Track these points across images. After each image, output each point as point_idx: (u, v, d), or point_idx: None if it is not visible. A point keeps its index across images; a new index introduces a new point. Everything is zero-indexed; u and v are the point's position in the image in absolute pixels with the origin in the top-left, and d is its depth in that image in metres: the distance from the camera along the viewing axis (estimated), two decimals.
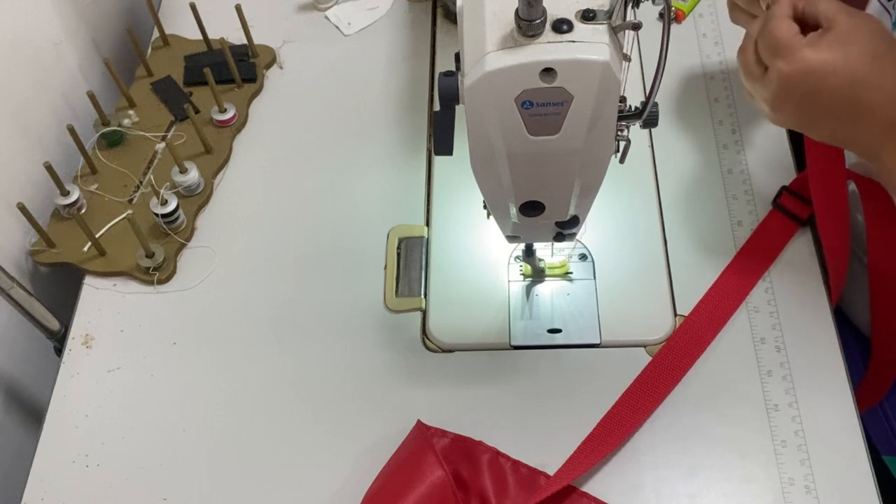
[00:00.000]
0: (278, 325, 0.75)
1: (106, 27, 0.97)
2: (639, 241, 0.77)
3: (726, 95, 0.85)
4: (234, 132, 0.87)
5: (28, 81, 0.84)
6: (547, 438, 0.67)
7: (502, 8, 0.48)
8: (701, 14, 0.91)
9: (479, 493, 0.64)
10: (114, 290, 0.78)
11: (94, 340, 0.76)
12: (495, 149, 0.52)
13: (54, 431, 0.71)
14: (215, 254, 0.79)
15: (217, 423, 0.71)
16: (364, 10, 0.96)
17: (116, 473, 0.69)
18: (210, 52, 0.91)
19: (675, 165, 0.81)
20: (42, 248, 0.79)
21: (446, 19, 0.94)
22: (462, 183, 0.74)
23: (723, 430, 0.67)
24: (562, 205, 0.59)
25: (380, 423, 0.69)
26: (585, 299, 0.74)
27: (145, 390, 0.73)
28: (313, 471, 0.68)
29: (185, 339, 0.75)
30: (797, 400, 0.68)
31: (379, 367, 0.72)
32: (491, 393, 0.70)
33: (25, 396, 0.83)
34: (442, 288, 0.75)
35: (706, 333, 0.71)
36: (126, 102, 0.88)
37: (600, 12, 0.48)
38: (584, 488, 0.65)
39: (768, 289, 0.73)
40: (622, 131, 0.55)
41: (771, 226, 0.76)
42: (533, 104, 0.49)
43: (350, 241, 0.79)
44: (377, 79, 0.90)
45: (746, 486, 0.65)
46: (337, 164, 0.84)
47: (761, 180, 0.79)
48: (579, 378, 0.70)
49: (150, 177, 0.82)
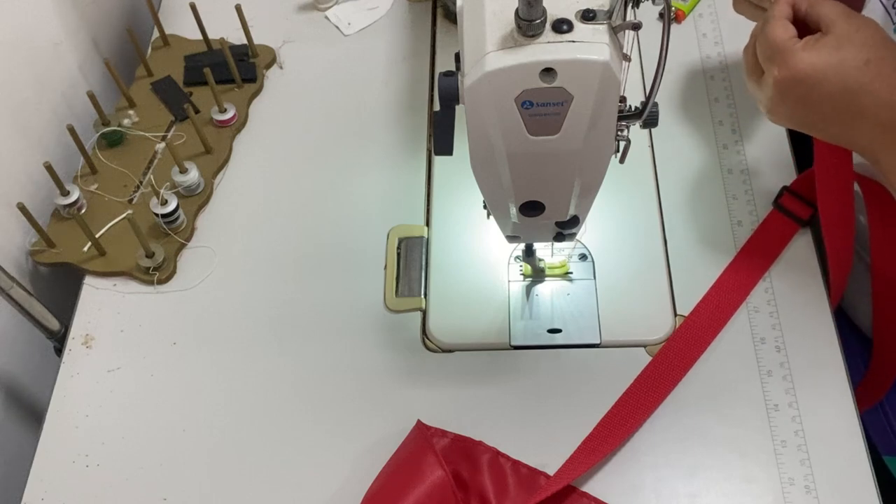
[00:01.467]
0: (278, 325, 0.75)
1: (106, 27, 0.97)
2: (639, 241, 0.77)
3: (726, 95, 0.85)
4: (234, 132, 0.87)
5: (28, 81, 0.84)
6: (547, 438, 0.67)
7: (502, 8, 0.48)
8: (701, 14, 0.91)
9: (479, 493, 0.64)
10: (114, 290, 0.78)
11: (94, 340, 0.76)
12: (495, 149, 0.52)
13: (54, 431, 0.71)
14: (215, 254, 0.79)
15: (217, 423, 0.71)
16: (364, 10, 0.96)
17: (116, 473, 0.69)
18: (210, 52, 0.91)
19: (675, 165, 0.81)
20: (42, 248, 0.79)
21: (446, 19, 0.94)
22: (462, 183, 0.74)
23: (723, 430, 0.67)
24: (562, 205, 0.59)
25: (380, 423, 0.69)
26: (585, 299, 0.74)
27: (145, 390, 0.73)
28: (313, 471, 0.68)
29: (185, 339, 0.75)
30: (797, 400, 0.68)
31: (379, 367, 0.72)
32: (491, 393, 0.70)
33: (25, 396, 0.83)
34: (442, 288, 0.75)
35: (706, 333, 0.71)
36: (126, 102, 0.88)
37: (600, 12, 0.48)
38: (584, 488, 0.65)
39: (768, 289, 0.73)
40: (622, 131, 0.55)
41: (771, 226, 0.76)
42: (533, 104, 0.49)
43: (350, 241, 0.79)
44: (377, 79, 0.90)
45: (746, 486, 0.65)
46: (337, 164, 0.84)
47: (761, 180, 0.79)
48: (579, 378, 0.70)
49: (150, 177, 0.82)
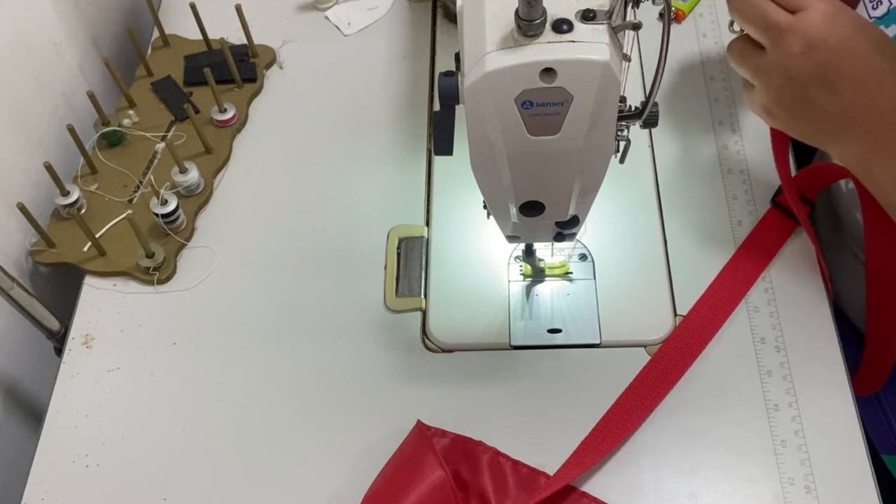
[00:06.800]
0: (278, 325, 0.75)
1: (106, 27, 0.97)
2: (639, 241, 0.76)
3: (726, 95, 0.85)
4: (234, 132, 0.87)
5: (28, 81, 0.84)
6: (547, 438, 0.67)
7: (502, 8, 0.48)
8: (701, 14, 0.91)
9: (479, 493, 0.64)
10: (114, 290, 0.78)
11: (94, 340, 0.76)
12: (495, 149, 0.52)
13: (54, 431, 0.71)
14: (215, 254, 0.79)
15: (217, 423, 0.71)
16: (364, 10, 0.96)
17: (116, 473, 0.69)
18: (210, 52, 0.91)
19: (675, 165, 0.81)
20: (42, 248, 0.79)
21: (446, 19, 0.94)
22: (462, 183, 0.74)
23: (723, 430, 0.67)
24: (562, 205, 0.59)
25: (380, 423, 0.69)
26: (585, 299, 0.74)
27: (145, 390, 0.73)
28: (313, 471, 0.68)
29: (184, 339, 0.75)
30: (797, 400, 0.68)
31: (379, 367, 0.72)
32: (491, 393, 0.70)
33: (25, 396, 0.83)
34: (442, 288, 0.75)
35: (704, 333, 0.71)
36: (126, 102, 0.88)
37: (600, 12, 0.48)
38: (584, 488, 0.65)
39: (768, 288, 0.73)
40: (622, 131, 0.55)
41: (769, 224, 0.76)
42: (533, 104, 0.49)
43: (350, 241, 0.79)
44: (377, 79, 0.90)
45: (746, 486, 0.65)
46: (337, 164, 0.84)
47: (761, 180, 0.79)
48: (579, 378, 0.70)
49: (150, 177, 0.82)
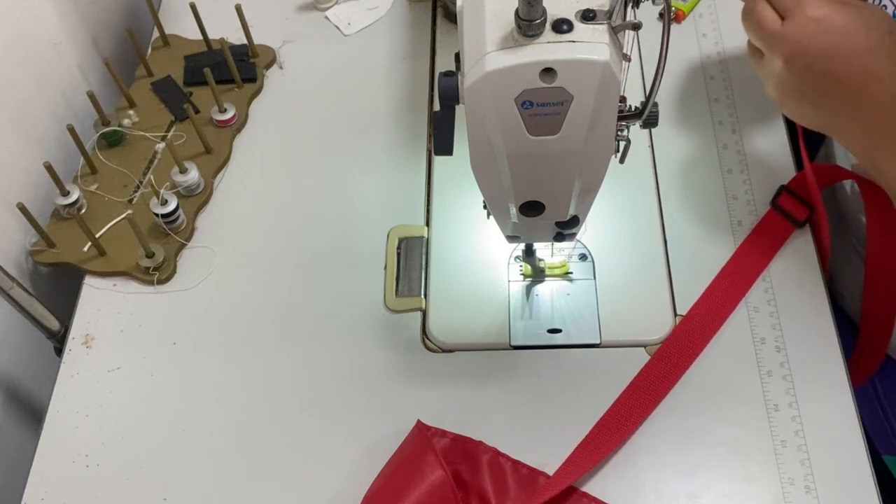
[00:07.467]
0: (278, 325, 0.75)
1: (106, 27, 0.97)
2: (639, 241, 0.76)
3: (726, 95, 0.85)
4: (234, 132, 0.87)
5: (28, 81, 0.84)
6: (547, 438, 0.67)
7: (502, 8, 0.48)
8: (701, 14, 0.91)
9: (479, 493, 0.64)
10: (114, 290, 0.78)
11: (94, 340, 0.76)
12: (495, 149, 0.52)
13: (54, 431, 0.71)
14: (215, 254, 0.79)
15: (217, 423, 0.71)
16: (364, 10, 0.96)
17: (116, 473, 0.69)
18: (210, 52, 0.91)
19: (675, 166, 0.81)
20: (42, 248, 0.79)
21: (446, 19, 0.94)
22: (462, 183, 0.74)
23: (723, 430, 0.67)
24: (562, 205, 0.59)
25: (380, 423, 0.69)
26: (585, 299, 0.74)
27: (145, 390, 0.73)
28: (313, 471, 0.68)
29: (184, 339, 0.75)
30: (797, 400, 0.68)
31: (379, 367, 0.72)
32: (491, 393, 0.70)
33: (25, 396, 0.83)
34: (442, 288, 0.75)
35: (704, 333, 0.71)
36: (126, 102, 0.88)
37: (600, 12, 0.48)
38: (584, 488, 0.65)
39: (768, 288, 0.73)
40: (622, 131, 0.55)
41: (769, 225, 0.75)
42: (533, 104, 0.49)
43: (350, 241, 0.79)
44: (377, 79, 0.90)
45: (746, 486, 0.64)
46: (337, 164, 0.84)
47: (761, 180, 0.79)
48: (579, 378, 0.70)
49: (150, 177, 0.82)
